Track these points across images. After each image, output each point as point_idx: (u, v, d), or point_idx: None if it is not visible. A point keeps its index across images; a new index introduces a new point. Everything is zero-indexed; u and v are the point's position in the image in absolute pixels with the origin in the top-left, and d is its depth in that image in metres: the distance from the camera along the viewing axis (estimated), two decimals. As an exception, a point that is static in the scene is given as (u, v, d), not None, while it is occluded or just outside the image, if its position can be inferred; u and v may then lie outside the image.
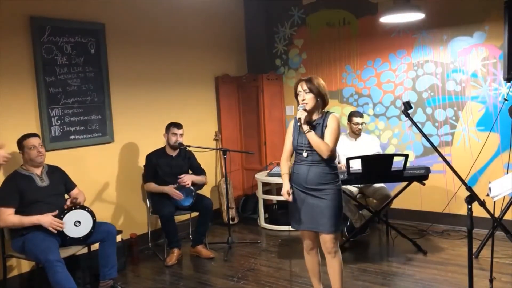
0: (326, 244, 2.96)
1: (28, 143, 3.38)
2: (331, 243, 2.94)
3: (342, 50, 5.34)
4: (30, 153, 3.37)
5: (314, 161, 2.92)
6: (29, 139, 3.40)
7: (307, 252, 3.13)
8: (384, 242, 4.56)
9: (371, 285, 3.55)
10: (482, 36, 4.46)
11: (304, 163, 2.95)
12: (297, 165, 3.01)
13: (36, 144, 3.39)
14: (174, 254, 4.22)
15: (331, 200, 2.90)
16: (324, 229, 2.92)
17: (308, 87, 2.90)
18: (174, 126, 4.37)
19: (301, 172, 2.96)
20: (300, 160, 2.98)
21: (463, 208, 4.67)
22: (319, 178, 2.91)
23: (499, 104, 4.41)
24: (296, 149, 3.01)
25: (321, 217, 2.90)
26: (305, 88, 2.90)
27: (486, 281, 3.11)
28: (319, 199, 2.91)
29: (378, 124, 5.17)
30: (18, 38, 3.73)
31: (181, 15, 5.09)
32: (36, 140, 3.41)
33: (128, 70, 4.57)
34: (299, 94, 2.95)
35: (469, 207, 2.33)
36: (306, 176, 2.92)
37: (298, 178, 2.98)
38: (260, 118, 5.61)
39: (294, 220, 3.04)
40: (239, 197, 5.74)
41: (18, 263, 3.74)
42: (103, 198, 4.37)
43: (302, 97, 2.92)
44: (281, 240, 4.78)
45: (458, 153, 4.69)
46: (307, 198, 2.95)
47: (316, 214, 2.91)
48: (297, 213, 2.99)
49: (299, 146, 2.97)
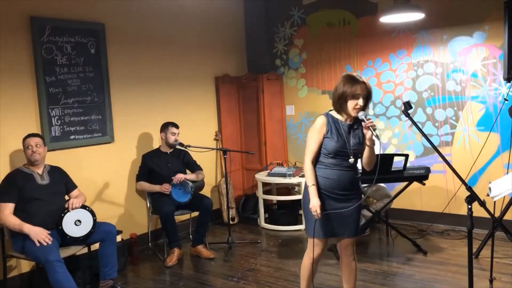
0: (348, 248, 2.88)
1: (25, 143, 3.42)
2: (353, 246, 2.90)
3: (342, 50, 5.34)
4: (26, 152, 3.42)
5: (351, 166, 2.73)
6: (27, 139, 3.43)
7: (316, 261, 2.88)
8: (384, 242, 4.56)
9: (371, 285, 3.55)
10: (482, 36, 4.46)
11: (339, 168, 2.71)
12: (327, 169, 2.72)
13: (32, 144, 3.40)
14: (174, 254, 4.21)
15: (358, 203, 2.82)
16: (351, 233, 2.83)
17: (367, 92, 2.65)
18: (173, 126, 4.41)
19: (336, 178, 2.71)
20: (334, 165, 2.71)
21: (463, 208, 4.67)
22: (354, 183, 2.77)
23: (499, 104, 4.41)
24: (334, 152, 2.70)
25: (350, 221, 2.79)
26: (364, 93, 2.63)
27: (486, 281, 3.11)
28: (349, 203, 2.74)
29: (378, 124, 5.17)
30: (18, 38, 3.73)
31: (181, 15, 5.09)
32: (34, 140, 3.42)
33: (128, 70, 4.58)
34: (357, 98, 2.62)
35: (469, 207, 2.33)
36: (343, 182, 2.71)
37: (330, 184, 2.72)
38: (260, 118, 5.61)
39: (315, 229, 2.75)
40: (239, 197, 5.74)
41: (18, 263, 3.74)
42: (103, 198, 4.37)
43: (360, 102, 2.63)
44: (281, 240, 4.78)
45: (458, 153, 4.70)
46: (336, 204, 2.73)
47: (345, 220, 2.77)
48: (324, 221, 2.73)
49: (341, 149, 2.69)
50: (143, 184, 4.39)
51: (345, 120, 2.76)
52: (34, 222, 3.30)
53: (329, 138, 2.71)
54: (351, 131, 2.74)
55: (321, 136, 2.73)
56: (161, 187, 4.26)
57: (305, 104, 5.65)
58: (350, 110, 2.67)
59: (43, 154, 3.48)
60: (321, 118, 2.76)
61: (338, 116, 2.77)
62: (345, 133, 2.72)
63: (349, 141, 2.70)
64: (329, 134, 2.71)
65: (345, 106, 2.69)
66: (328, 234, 2.81)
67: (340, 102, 2.70)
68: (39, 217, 3.32)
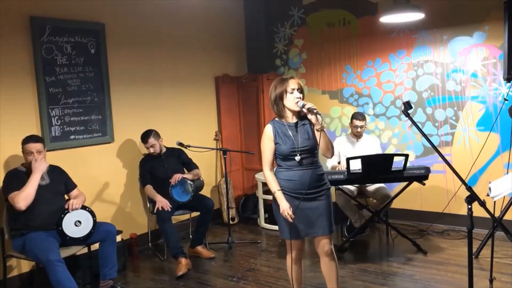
0: (324, 246, 2.88)
1: (26, 148, 3.36)
2: (329, 244, 2.89)
3: (342, 50, 5.35)
4: (27, 158, 3.37)
5: (309, 164, 2.77)
6: (28, 144, 3.37)
7: (295, 262, 2.95)
8: (384, 242, 4.56)
9: (371, 285, 3.55)
10: (482, 36, 4.46)
11: (297, 168, 2.77)
12: (287, 171, 2.79)
13: (34, 150, 3.34)
14: (182, 264, 3.95)
15: (327, 200, 2.85)
16: (325, 231, 2.84)
17: (300, 86, 2.80)
18: (142, 141, 4.33)
19: (297, 178, 2.76)
20: (290, 166, 2.78)
21: (463, 208, 4.67)
22: (318, 180, 2.80)
23: (499, 104, 4.41)
24: (286, 154, 2.78)
25: (320, 219, 2.82)
26: (298, 88, 2.77)
27: (486, 281, 3.11)
28: (317, 202, 2.81)
29: (378, 124, 5.17)
30: (18, 38, 3.73)
31: (181, 15, 5.09)
32: (35, 147, 3.35)
33: (128, 70, 4.57)
34: (291, 92, 2.75)
35: (469, 207, 2.33)
36: (305, 181, 2.74)
37: (293, 185, 2.78)
38: (260, 118, 5.61)
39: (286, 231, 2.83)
40: (239, 197, 5.74)
41: (18, 263, 3.74)
42: (103, 198, 4.37)
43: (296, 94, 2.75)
44: (281, 240, 4.76)
45: (458, 153, 4.70)
46: (302, 204, 2.76)
47: (315, 218, 2.81)
48: (293, 222, 2.76)
49: (291, 150, 2.76)
50: (148, 189, 4.31)
51: (290, 121, 2.83)
52: (35, 223, 3.31)
53: (279, 143, 2.80)
54: (298, 129, 2.81)
55: (272, 143, 2.82)
56: (159, 203, 4.13)
57: (305, 104, 5.64)
58: (291, 105, 2.78)
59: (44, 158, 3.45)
60: (268, 126, 2.86)
61: (282, 119, 2.85)
62: (293, 133, 2.79)
63: (297, 140, 2.77)
64: (277, 139, 2.80)
65: (282, 106, 2.80)
66: (299, 234, 2.85)
67: (277, 103, 2.81)
68: (40, 217, 3.33)
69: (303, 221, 2.81)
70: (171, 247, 4.06)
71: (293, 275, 2.97)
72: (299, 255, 2.97)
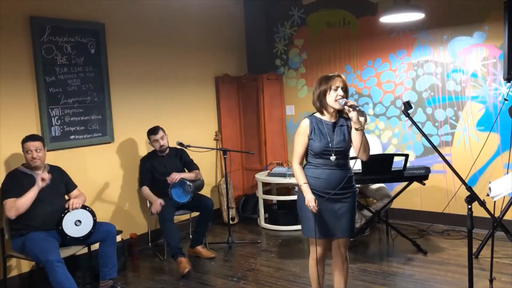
0: (341, 248, 2.89)
1: (25, 147, 3.37)
2: (346, 247, 2.90)
3: (342, 50, 5.35)
4: (26, 156, 3.37)
5: (340, 165, 2.76)
6: (27, 142, 3.37)
7: (319, 261, 2.90)
8: (384, 242, 4.56)
9: (371, 285, 3.55)
10: (482, 36, 4.46)
11: (326, 167, 2.75)
12: (317, 169, 2.77)
13: (32, 148, 3.35)
14: (184, 262, 3.95)
15: (351, 203, 2.82)
16: (344, 234, 2.83)
17: (345, 84, 2.74)
18: (152, 134, 4.31)
19: (324, 176, 2.75)
20: (320, 164, 2.77)
21: (463, 208, 4.63)
22: (345, 182, 2.76)
23: (499, 104, 4.41)
24: (317, 152, 2.75)
25: (342, 221, 2.80)
26: (342, 86, 2.72)
27: (486, 281, 3.12)
28: (341, 204, 2.78)
29: (378, 124, 5.17)
30: (18, 38, 3.73)
31: (181, 15, 5.09)
32: (34, 145, 3.36)
33: (128, 70, 4.57)
34: (335, 89, 2.71)
35: (469, 207, 2.33)
36: (332, 181, 2.73)
37: (319, 183, 2.76)
38: (260, 118, 5.61)
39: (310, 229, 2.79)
40: (239, 197, 5.74)
41: (18, 263, 3.74)
42: (103, 198, 4.37)
43: (339, 92, 2.70)
44: (281, 240, 4.78)
45: (458, 153, 4.69)
46: (328, 204, 2.76)
47: (338, 219, 2.79)
48: (318, 221, 2.75)
49: (324, 148, 2.73)
50: (145, 191, 4.30)
51: (329, 119, 2.81)
52: (35, 223, 3.31)
53: (313, 139, 2.77)
54: (335, 129, 2.78)
55: (306, 138, 2.79)
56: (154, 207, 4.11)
57: (305, 104, 5.64)
58: (332, 103, 2.74)
59: (43, 158, 3.44)
60: (305, 120, 2.83)
61: (322, 116, 2.82)
62: (329, 131, 2.77)
63: (332, 140, 2.74)
64: (312, 135, 2.77)
65: (325, 102, 2.76)
66: (322, 234, 2.81)
67: (320, 99, 2.78)
68: (40, 217, 3.33)
69: (328, 221, 2.79)
70: (171, 247, 4.06)
71: (317, 275, 2.92)
72: (324, 255, 2.92)
